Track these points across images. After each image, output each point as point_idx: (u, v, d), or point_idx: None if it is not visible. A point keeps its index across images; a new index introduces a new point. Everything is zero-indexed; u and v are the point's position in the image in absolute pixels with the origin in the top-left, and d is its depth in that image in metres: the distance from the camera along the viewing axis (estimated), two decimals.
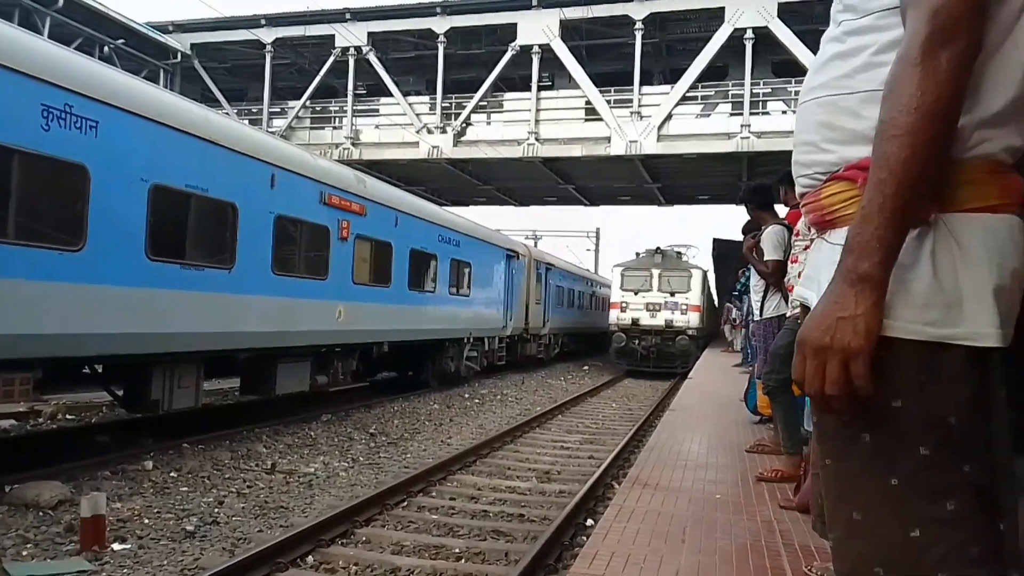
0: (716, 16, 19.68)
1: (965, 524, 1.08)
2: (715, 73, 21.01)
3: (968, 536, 1.08)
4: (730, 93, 20.88)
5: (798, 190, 1.33)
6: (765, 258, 5.65)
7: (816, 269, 1.24)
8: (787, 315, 5.27)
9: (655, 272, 24.13)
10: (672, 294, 23.85)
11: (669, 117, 20.54)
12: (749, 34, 19.23)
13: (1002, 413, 1.14)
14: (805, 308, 1.28)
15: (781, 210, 6.25)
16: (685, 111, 21.18)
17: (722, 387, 11.24)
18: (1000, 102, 1.11)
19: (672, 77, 21.81)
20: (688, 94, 20.59)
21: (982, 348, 1.08)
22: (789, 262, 5.10)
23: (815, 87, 1.26)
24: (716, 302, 33.56)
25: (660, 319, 23.64)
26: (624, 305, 24.15)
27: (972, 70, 1.06)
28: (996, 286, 1.09)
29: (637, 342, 23.61)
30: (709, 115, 21.73)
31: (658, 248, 24.74)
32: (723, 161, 21.72)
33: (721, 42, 19.60)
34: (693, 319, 23.72)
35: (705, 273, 26.33)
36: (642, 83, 20.72)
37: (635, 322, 23.74)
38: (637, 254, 25.43)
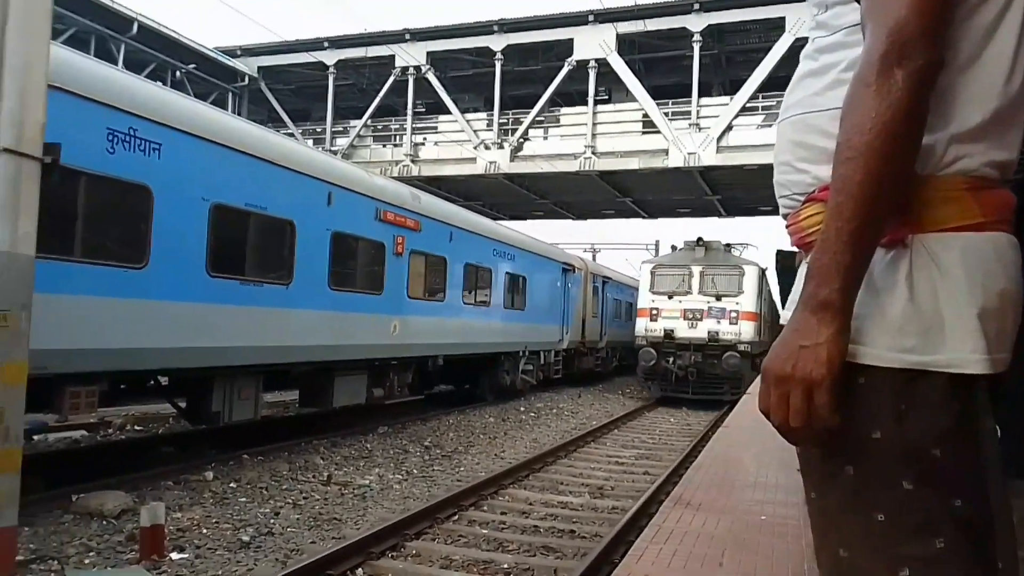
0: (776, 26, 19.35)
1: (955, 562, 1.01)
2: (777, 83, 20.58)
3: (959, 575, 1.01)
4: None
5: (781, 211, 1.28)
6: None
7: (796, 293, 1.18)
8: None
9: (696, 269, 19.09)
10: (718, 298, 18.67)
11: (729, 128, 20.23)
12: None
13: (993, 443, 1.07)
14: None
15: None
16: (746, 122, 20.83)
17: None
18: (976, 116, 1.06)
19: (732, 88, 21.50)
20: (749, 105, 20.25)
21: (966, 375, 1.02)
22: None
23: (790, 105, 1.24)
24: (780, 316, 32.81)
25: (702, 330, 18.52)
26: (655, 313, 19.09)
27: (933, 88, 1.02)
28: (981, 309, 1.03)
29: (672, 360, 18.44)
30: (771, 125, 21.29)
31: (700, 239, 19.60)
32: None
33: (782, 52, 19.24)
34: (746, 330, 18.51)
35: (763, 272, 20.58)
36: (700, 95, 20.48)
37: (669, 335, 18.57)
38: (673, 247, 20.78)
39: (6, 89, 3.77)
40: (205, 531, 6.28)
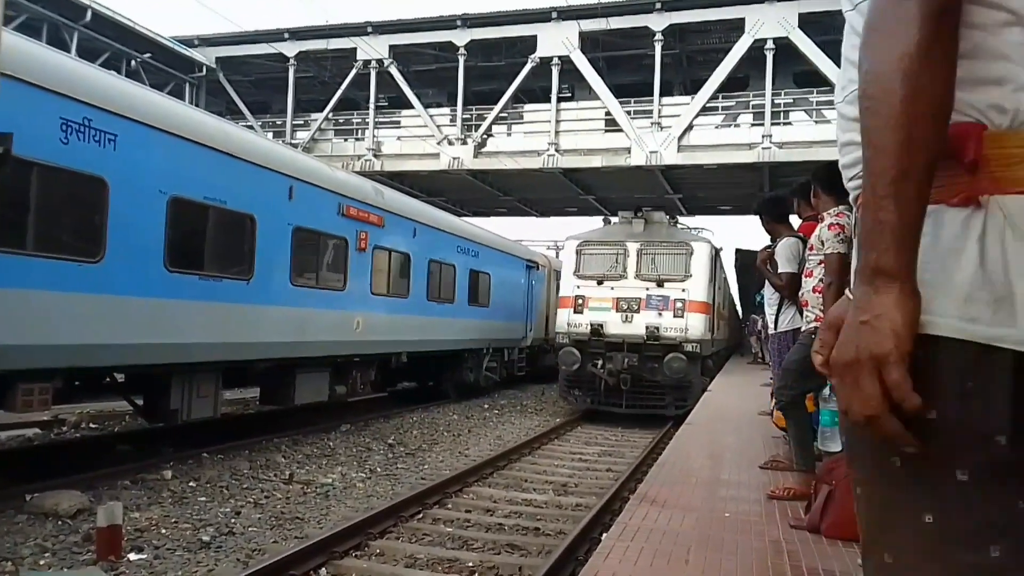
0: (736, 27, 19.58)
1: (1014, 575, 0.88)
2: (736, 84, 20.88)
3: None
4: (751, 104, 20.73)
5: (851, 194, 1.17)
6: (779, 271, 5.60)
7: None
8: (801, 329, 5.19)
9: (632, 247, 14.83)
10: (660, 283, 14.38)
11: (690, 128, 20.43)
12: (770, 45, 19.10)
13: None
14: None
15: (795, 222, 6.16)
16: (706, 122, 21.06)
17: (742, 401, 11.11)
18: None
19: (692, 88, 21.71)
20: (709, 105, 20.47)
21: None
22: (803, 276, 5.02)
23: (844, 86, 1.16)
24: (740, 314, 33.11)
25: (639, 325, 14.16)
26: (580, 302, 14.74)
27: (955, 15, 0.94)
28: None
29: (600, 364, 14.12)
30: (730, 126, 21.59)
31: (639, 208, 15.57)
32: (744, 172, 21.56)
33: (741, 53, 19.49)
34: (695, 325, 14.26)
35: (718, 253, 16.81)
36: (662, 94, 20.64)
37: (597, 331, 14.27)
38: (607, 220, 16.66)
39: None
40: (164, 531, 6.15)
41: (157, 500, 7.04)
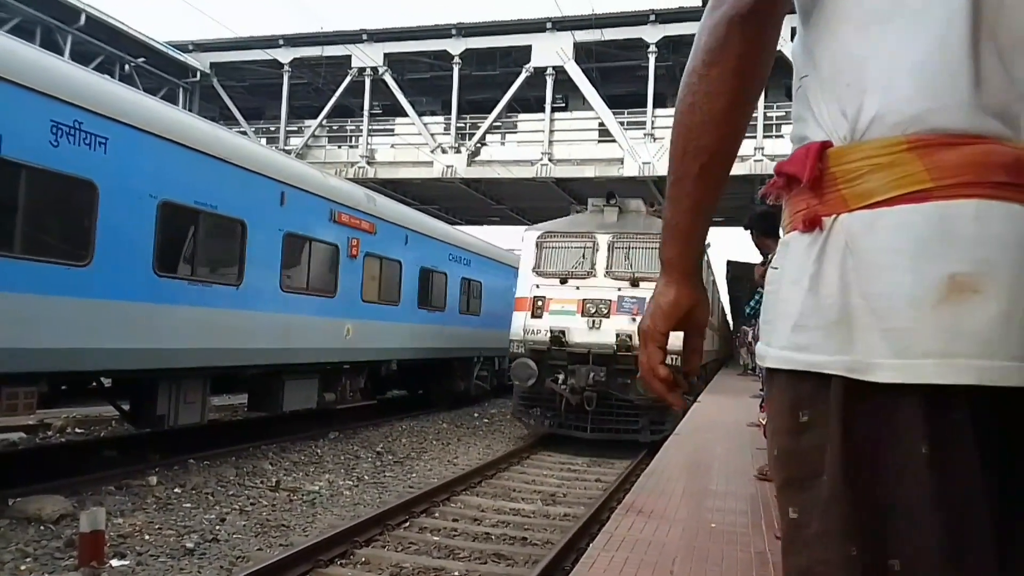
0: None
1: None
2: None
3: None
4: None
5: None
6: None
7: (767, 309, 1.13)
8: None
9: (602, 240, 12.47)
10: (635, 282, 11.95)
11: None
12: None
13: (950, 481, 0.79)
14: None
15: None
16: None
17: (731, 413, 11.12)
18: (908, 58, 0.85)
19: None
20: None
21: (892, 385, 0.80)
22: None
23: None
24: (731, 326, 33.10)
25: (608, 333, 11.70)
26: (539, 305, 12.28)
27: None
28: (911, 298, 0.80)
29: (561, 379, 11.71)
30: None
31: (611, 194, 13.26)
32: (736, 184, 21.57)
33: None
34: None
35: (704, 249, 11.57)
36: (656, 105, 20.73)
37: (559, 339, 11.79)
38: (576, 210, 14.24)
39: None
40: (147, 537, 6.10)
41: (141, 506, 6.98)
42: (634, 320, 11.05)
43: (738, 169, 20.02)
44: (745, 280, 20.78)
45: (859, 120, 0.87)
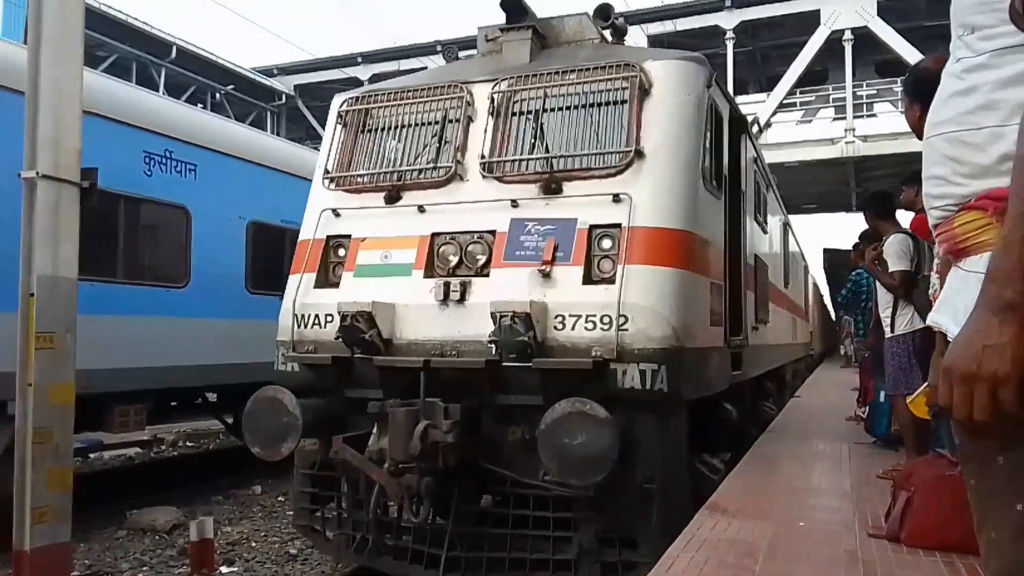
0: (811, 20, 19.07)
1: None
2: (815, 78, 20.33)
3: None
4: (831, 97, 20.14)
5: (931, 221, 1.35)
6: (891, 269, 5.21)
7: (951, 294, 1.26)
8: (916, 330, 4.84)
9: (482, 93, 5.10)
10: (552, 186, 4.65)
11: (768, 125, 19.98)
12: (848, 35, 18.54)
13: None
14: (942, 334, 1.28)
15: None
16: (784, 119, 20.59)
17: (831, 405, 10.70)
18: None
19: (769, 85, 21.26)
20: (786, 101, 20.00)
21: None
22: (933, 273, 4.52)
23: (940, 122, 1.30)
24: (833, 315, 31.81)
25: (478, 314, 4.39)
26: (332, 255, 5.14)
27: None
28: None
29: (373, 440, 4.38)
30: (811, 121, 21.04)
31: (515, 4, 5.29)
32: (827, 168, 20.92)
33: (818, 46, 18.99)
34: (655, 303, 4.26)
35: (741, 117, 6.77)
36: (737, 92, 20.26)
37: (358, 333, 4.48)
38: (451, 58, 6.24)
39: (42, 116, 3.87)
40: (254, 544, 6.35)
41: (248, 514, 7.27)
42: (547, 276, 4.42)
43: (828, 152, 19.38)
44: (843, 268, 19.96)
45: None
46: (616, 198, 4.40)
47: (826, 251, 29.15)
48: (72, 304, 4.11)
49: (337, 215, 5.17)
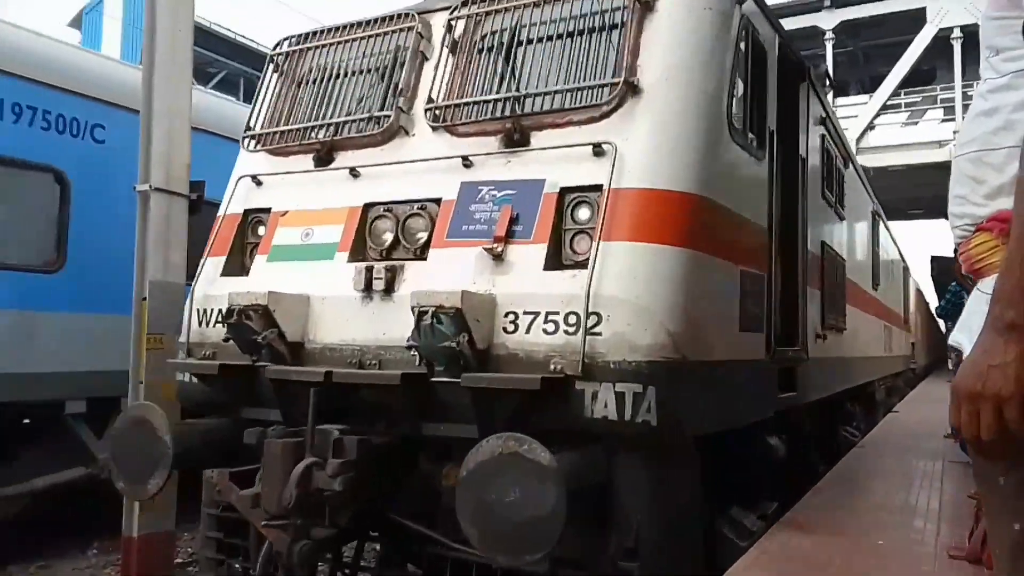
0: (917, 18, 18.33)
1: None
2: (921, 78, 19.52)
3: None
4: (939, 98, 19.28)
5: (954, 240, 1.41)
6: None
7: (968, 315, 1.30)
8: None
9: (438, 22, 3.96)
10: (517, 135, 3.45)
11: (870, 127, 19.31)
12: (957, 33, 17.73)
13: None
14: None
15: None
16: (888, 120, 19.84)
17: (931, 422, 10.24)
18: None
19: (871, 86, 20.54)
20: (890, 102, 19.27)
21: None
22: None
23: (967, 142, 1.35)
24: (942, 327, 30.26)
25: (399, 323, 3.31)
26: (250, 232, 4.15)
27: None
28: None
29: (258, 481, 3.32)
30: (916, 123, 20.20)
31: None
32: (935, 172, 19.99)
33: (925, 44, 18.24)
34: (642, 288, 3.00)
35: (757, 40, 4.08)
36: (837, 94, 19.66)
37: (247, 335, 3.53)
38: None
39: (155, 132, 4.21)
40: None
41: None
42: (498, 262, 3.27)
43: (936, 156, 18.58)
44: (950, 276, 19.03)
45: None
46: (598, 149, 3.19)
47: (934, 259, 27.83)
48: (180, 307, 4.43)
49: (258, 183, 4.07)
